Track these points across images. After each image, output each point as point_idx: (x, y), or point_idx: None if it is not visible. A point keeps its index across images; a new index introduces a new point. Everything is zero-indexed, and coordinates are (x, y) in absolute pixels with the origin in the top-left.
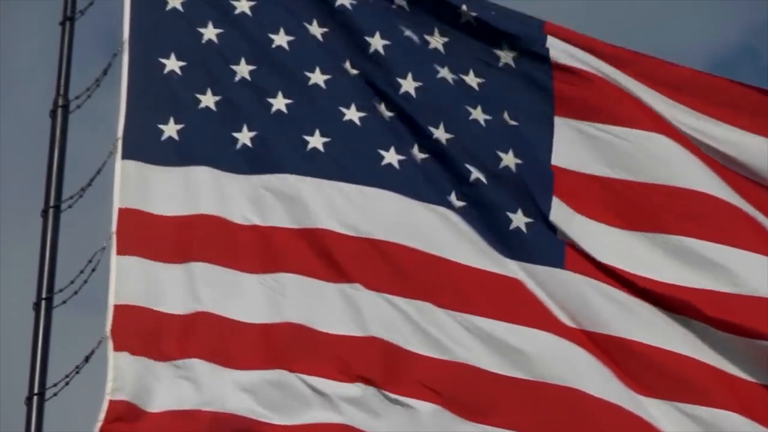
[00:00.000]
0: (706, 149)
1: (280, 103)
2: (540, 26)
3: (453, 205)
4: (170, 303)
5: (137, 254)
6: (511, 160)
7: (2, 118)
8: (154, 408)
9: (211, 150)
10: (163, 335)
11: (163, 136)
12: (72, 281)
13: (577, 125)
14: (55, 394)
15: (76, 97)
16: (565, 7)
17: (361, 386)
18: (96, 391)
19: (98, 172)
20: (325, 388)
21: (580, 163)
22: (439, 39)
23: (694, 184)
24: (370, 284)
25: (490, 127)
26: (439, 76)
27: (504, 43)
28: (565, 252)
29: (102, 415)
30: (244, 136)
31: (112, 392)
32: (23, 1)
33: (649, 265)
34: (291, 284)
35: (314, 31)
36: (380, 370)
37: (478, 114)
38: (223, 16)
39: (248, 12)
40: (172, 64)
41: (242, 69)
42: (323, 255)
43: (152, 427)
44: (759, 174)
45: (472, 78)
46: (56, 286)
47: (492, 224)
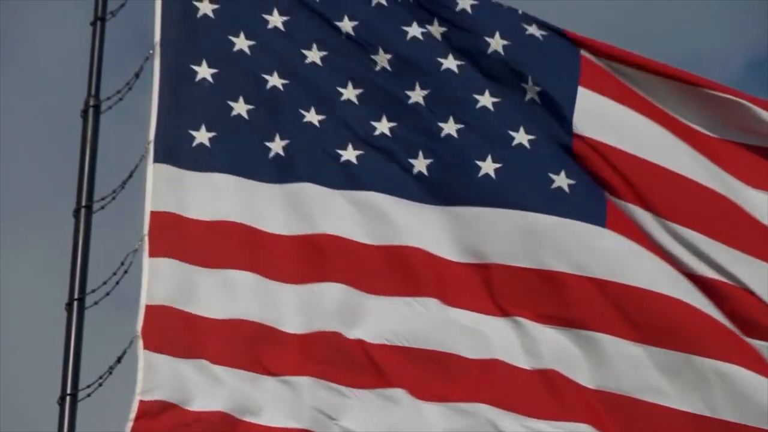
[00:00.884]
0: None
1: (312, 117)
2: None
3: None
4: (203, 306)
5: (169, 256)
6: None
7: (36, 118)
8: (185, 407)
9: (242, 158)
10: (195, 337)
11: (194, 142)
12: (104, 282)
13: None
14: (89, 395)
15: (108, 98)
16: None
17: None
18: (128, 391)
19: (130, 176)
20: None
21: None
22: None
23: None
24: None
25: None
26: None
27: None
28: (606, 211)
29: (133, 415)
30: (276, 145)
31: (142, 392)
32: (57, 1)
33: None
34: (330, 293)
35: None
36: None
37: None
38: (255, 28)
39: (281, 27)
40: (204, 72)
41: (275, 80)
42: (354, 262)
43: (183, 427)
44: None
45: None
46: (88, 287)
47: (534, 185)
